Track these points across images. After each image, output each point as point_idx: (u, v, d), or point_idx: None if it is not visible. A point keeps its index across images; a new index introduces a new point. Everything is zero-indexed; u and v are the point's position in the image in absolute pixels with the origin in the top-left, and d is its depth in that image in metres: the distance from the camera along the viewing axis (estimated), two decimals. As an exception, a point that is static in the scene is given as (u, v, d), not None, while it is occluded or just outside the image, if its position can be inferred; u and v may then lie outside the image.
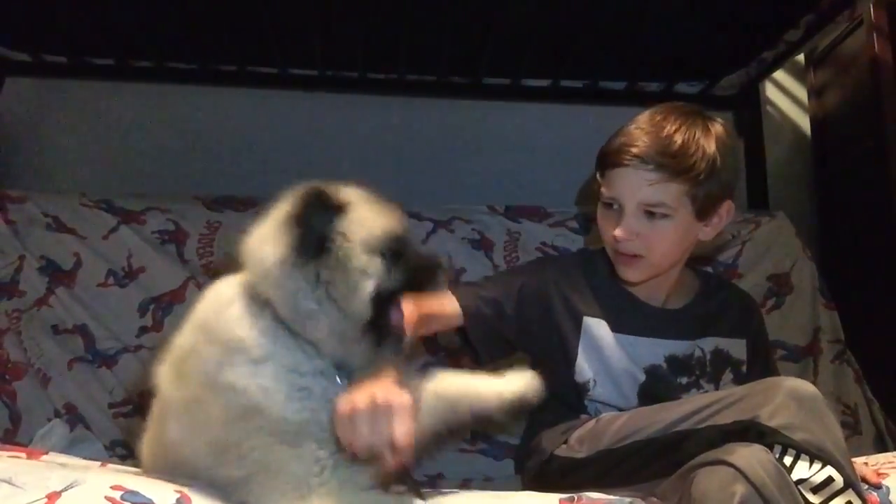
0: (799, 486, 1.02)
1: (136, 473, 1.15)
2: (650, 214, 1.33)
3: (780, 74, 2.41)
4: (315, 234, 1.05)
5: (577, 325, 1.41)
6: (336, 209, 1.07)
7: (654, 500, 1.10)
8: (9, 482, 0.96)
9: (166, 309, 1.86)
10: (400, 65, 2.16)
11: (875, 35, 2.09)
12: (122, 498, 0.96)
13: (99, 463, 1.26)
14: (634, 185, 1.32)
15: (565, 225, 2.04)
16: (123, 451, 1.72)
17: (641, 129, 1.34)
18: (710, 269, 1.92)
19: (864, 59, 2.15)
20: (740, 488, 0.99)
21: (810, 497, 1.02)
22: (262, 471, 1.01)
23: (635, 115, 2.10)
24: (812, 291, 2.00)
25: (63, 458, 1.20)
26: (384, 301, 1.05)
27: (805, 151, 2.44)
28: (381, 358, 1.08)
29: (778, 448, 1.05)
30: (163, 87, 2.25)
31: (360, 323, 1.04)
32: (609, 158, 1.36)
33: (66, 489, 0.96)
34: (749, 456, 1.02)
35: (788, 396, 1.08)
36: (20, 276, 1.85)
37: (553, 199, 2.14)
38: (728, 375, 1.44)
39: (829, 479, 1.02)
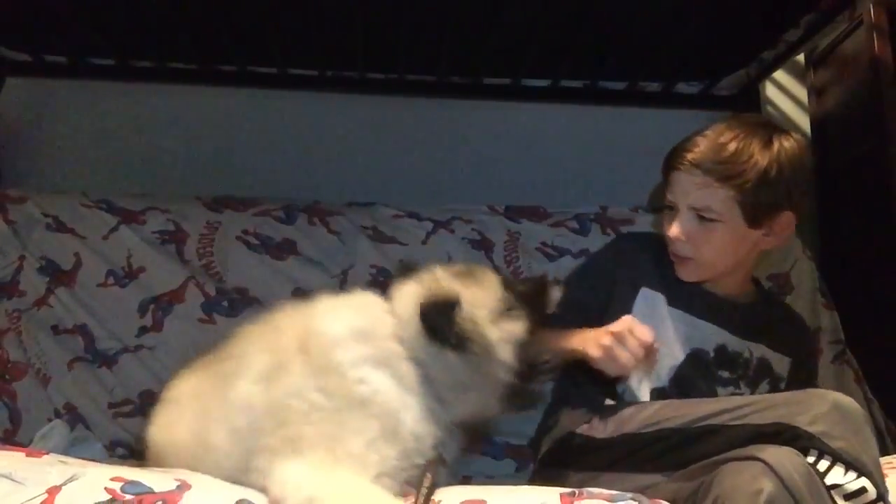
0: (832, 492, 1.03)
1: (136, 465, 1.15)
2: (701, 218, 1.39)
3: (780, 74, 2.40)
4: (449, 334, 1.15)
5: (634, 292, 1.47)
6: (453, 304, 1.17)
7: (660, 501, 1.10)
8: (9, 477, 0.96)
9: (166, 309, 1.86)
10: (400, 65, 2.16)
11: (875, 35, 2.08)
12: (123, 489, 0.97)
13: (99, 462, 1.26)
14: (686, 188, 1.40)
15: (565, 225, 2.04)
16: (124, 452, 1.73)
17: (703, 135, 1.41)
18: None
19: (864, 59, 2.14)
20: (768, 484, 0.98)
21: (842, 503, 1.02)
22: (333, 437, 1.08)
23: (635, 115, 2.17)
24: (812, 291, 2.00)
25: (63, 458, 1.20)
26: (528, 362, 1.21)
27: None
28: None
29: (814, 453, 1.05)
30: (163, 87, 2.24)
31: (506, 386, 1.20)
32: (669, 161, 1.45)
33: (66, 483, 0.97)
34: (780, 455, 1.02)
35: (832, 407, 1.09)
36: (20, 276, 1.85)
37: (553, 198, 2.14)
38: (765, 386, 1.46)
39: (863, 490, 1.03)
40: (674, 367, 1.42)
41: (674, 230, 1.41)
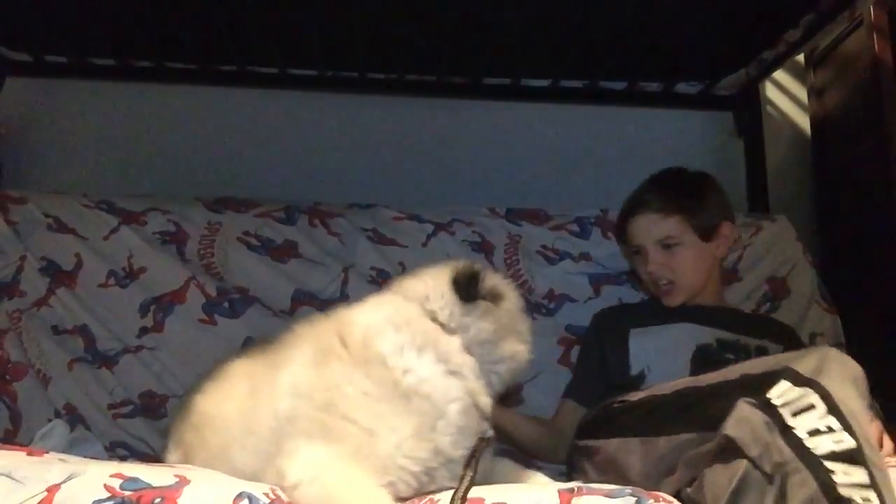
0: (810, 435, 1.01)
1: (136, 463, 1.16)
2: (666, 247, 1.68)
3: (780, 74, 2.41)
4: (483, 290, 1.26)
5: (626, 338, 1.68)
6: (478, 270, 1.28)
7: (660, 493, 1.10)
8: (9, 476, 0.96)
9: (167, 309, 1.86)
10: (400, 65, 2.16)
11: (875, 35, 2.09)
12: (122, 486, 0.97)
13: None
14: (647, 228, 1.70)
15: (566, 228, 2.03)
16: (124, 452, 1.73)
17: (641, 189, 1.75)
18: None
19: (864, 59, 2.14)
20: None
21: (811, 443, 1.00)
22: (367, 431, 1.10)
23: (635, 115, 2.33)
24: (811, 295, 1.99)
25: (63, 456, 1.20)
26: None
27: (805, 151, 2.44)
28: None
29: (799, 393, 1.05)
30: (163, 87, 2.24)
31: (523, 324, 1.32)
32: (622, 217, 1.76)
33: (65, 481, 0.97)
34: (742, 421, 1.04)
35: (831, 359, 1.11)
36: (21, 276, 1.85)
37: (553, 199, 2.14)
38: None
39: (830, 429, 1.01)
40: (687, 362, 1.58)
41: (650, 266, 1.69)
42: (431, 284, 1.26)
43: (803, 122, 2.47)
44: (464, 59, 2.12)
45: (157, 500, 0.96)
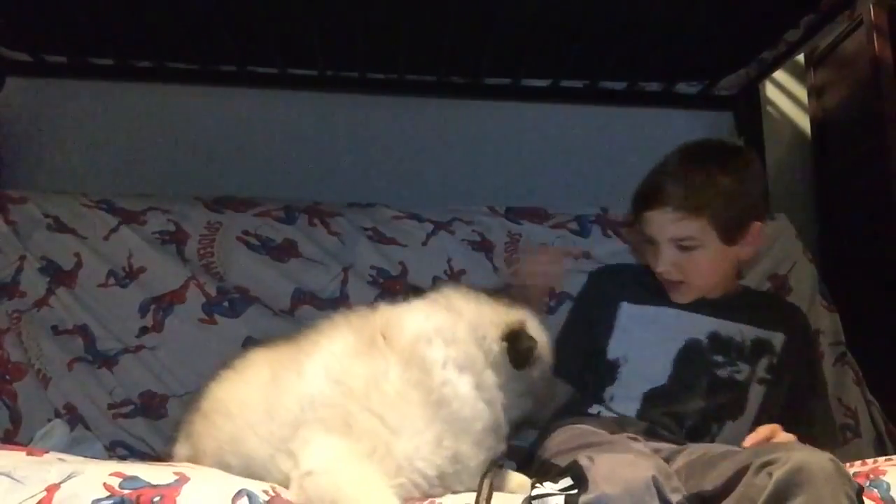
0: None
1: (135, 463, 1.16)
2: (682, 248, 1.48)
3: (780, 74, 2.41)
4: (531, 361, 1.31)
5: (615, 309, 1.57)
6: (532, 343, 1.31)
7: None
8: (8, 476, 0.96)
9: (167, 309, 1.86)
10: (400, 65, 2.16)
11: (875, 35, 2.09)
12: (121, 485, 0.97)
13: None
14: (662, 225, 1.49)
15: (566, 227, 2.04)
16: (124, 452, 1.73)
17: (663, 173, 1.52)
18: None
19: (864, 59, 2.14)
20: None
21: None
22: (389, 430, 1.12)
23: (635, 114, 2.14)
24: (811, 293, 1.99)
25: (63, 456, 1.20)
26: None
27: (805, 151, 2.44)
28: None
29: None
30: (163, 87, 2.24)
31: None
32: (638, 203, 1.54)
33: (65, 480, 0.97)
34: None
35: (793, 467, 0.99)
36: (21, 276, 1.85)
37: (553, 198, 2.14)
38: (764, 362, 1.50)
39: None
40: (670, 361, 1.48)
41: (660, 266, 1.51)
42: (479, 316, 1.30)
43: (803, 122, 2.47)
44: (464, 59, 2.12)
45: (157, 498, 0.96)
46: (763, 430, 1.30)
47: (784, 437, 1.30)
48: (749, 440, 1.28)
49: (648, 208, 1.50)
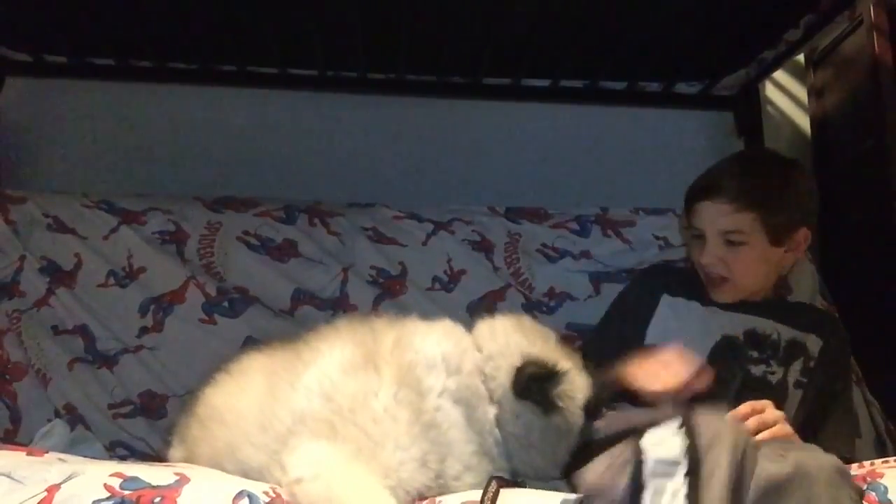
0: None
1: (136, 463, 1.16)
2: (728, 243, 1.51)
3: (780, 74, 2.41)
4: (542, 401, 1.20)
5: (654, 303, 1.61)
6: (560, 376, 1.21)
7: None
8: (8, 476, 0.96)
9: (167, 309, 1.86)
10: (400, 65, 2.16)
11: (875, 35, 2.09)
12: (122, 485, 0.97)
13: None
14: (714, 216, 1.52)
15: (566, 226, 2.04)
16: (124, 452, 1.73)
17: (723, 168, 1.59)
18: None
19: (864, 59, 2.14)
20: None
21: None
22: (374, 442, 1.10)
23: (635, 115, 2.37)
24: (812, 293, 1.99)
25: (63, 456, 1.20)
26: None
27: (805, 151, 2.44)
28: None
29: None
30: (163, 87, 2.24)
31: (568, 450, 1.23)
32: (694, 194, 1.57)
33: (65, 481, 0.97)
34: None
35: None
36: (20, 276, 1.85)
37: (553, 199, 2.14)
38: (798, 365, 1.52)
39: None
40: (704, 355, 1.49)
41: (705, 257, 1.54)
42: (503, 350, 1.24)
43: (803, 122, 2.47)
44: (464, 59, 2.12)
45: (157, 499, 0.96)
46: (754, 405, 1.27)
47: (772, 414, 1.27)
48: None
49: (702, 199, 1.54)
